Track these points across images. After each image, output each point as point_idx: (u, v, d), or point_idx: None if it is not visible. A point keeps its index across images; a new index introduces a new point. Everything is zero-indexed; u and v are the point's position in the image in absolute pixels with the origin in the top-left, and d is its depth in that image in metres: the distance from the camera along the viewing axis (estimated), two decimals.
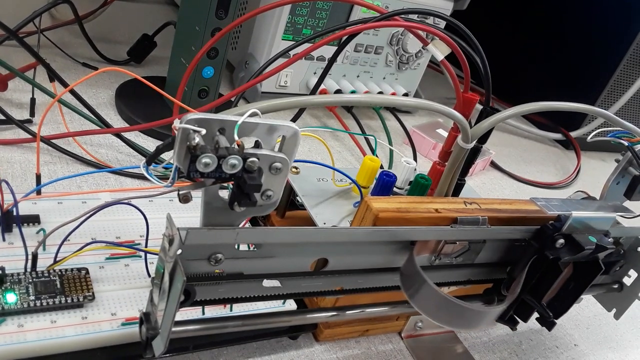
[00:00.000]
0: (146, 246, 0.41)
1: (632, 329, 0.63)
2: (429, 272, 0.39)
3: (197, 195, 0.30)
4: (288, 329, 0.44)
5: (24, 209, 0.41)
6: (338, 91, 0.82)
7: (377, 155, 0.65)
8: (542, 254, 0.42)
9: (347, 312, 0.40)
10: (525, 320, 0.44)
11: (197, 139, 0.26)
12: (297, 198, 0.50)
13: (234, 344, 0.42)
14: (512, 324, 0.45)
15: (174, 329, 0.30)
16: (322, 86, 0.81)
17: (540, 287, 0.43)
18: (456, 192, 0.51)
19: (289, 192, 0.50)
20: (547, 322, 0.46)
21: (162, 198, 0.48)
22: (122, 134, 0.59)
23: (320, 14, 0.77)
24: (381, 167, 0.50)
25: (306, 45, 0.52)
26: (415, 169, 0.51)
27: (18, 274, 0.36)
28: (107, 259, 0.41)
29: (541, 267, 0.42)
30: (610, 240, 0.44)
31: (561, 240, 0.42)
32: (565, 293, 0.45)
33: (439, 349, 0.50)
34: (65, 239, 0.38)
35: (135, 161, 0.59)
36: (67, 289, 0.36)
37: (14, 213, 0.39)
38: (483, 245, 0.41)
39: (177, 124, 0.26)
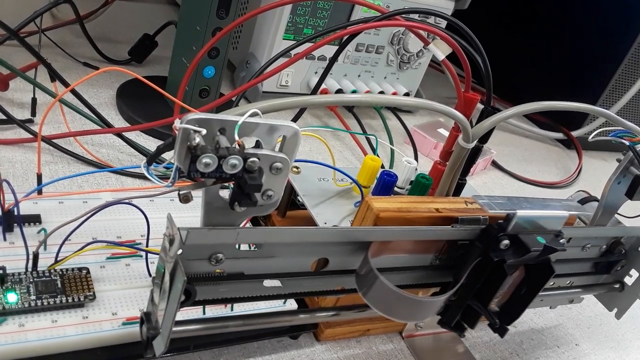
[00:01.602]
0: (147, 246, 0.41)
1: (634, 329, 0.63)
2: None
3: (198, 195, 0.30)
4: (289, 329, 0.44)
5: (25, 208, 0.41)
6: (339, 91, 0.82)
7: (378, 155, 0.65)
8: (486, 256, 0.39)
9: (348, 311, 0.40)
10: (471, 326, 0.42)
11: (198, 139, 0.26)
12: (298, 198, 0.50)
13: (235, 343, 0.42)
14: (460, 331, 0.43)
15: (174, 328, 0.30)
16: (323, 86, 0.81)
17: (486, 291, 0.40)
18: (457, 192, 0.51)
19: (290, 191, 0.50)
20: (498, 329, 0.43)
21: (163, 198, 0.48)
22: (123, 133, 0.59)
23: (321, 13, 0.76)
24: (382, 166, 0.50)
25: (307, 45, 0.52)
26: (416, 169, 0.51)
27: (19, 274, 0.36)
28: (108, 258, 0.41)
29: (486, 270, 0.39)
30: (563, 241, 0.41)
31: (506, 241, 0.39)
32: (517, 297, 0.43)
33: (440, 348, 0.50)
34: (66, 239, 0.38)
35: (136, 161, 0.59)
36: (68, 288, 0.36)
37: (15, 213, 0.39)
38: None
39: (177, 124, 0.26)
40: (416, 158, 0.80)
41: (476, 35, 0.46)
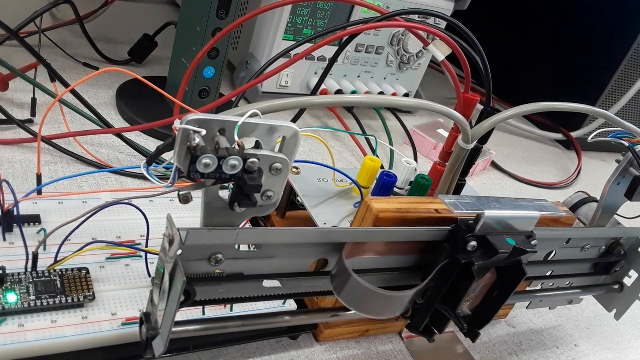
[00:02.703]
0: (147, 246, 0.41)
1: (633, 330, 0.63)
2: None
3: (198, 196, 0.30)
4: (288, 329, 0.44)
5: (25, 209, 0.41)
6: (339, 91, 0.82)
7: (377, 156, 0.65)
8: (454, 258, 0.38)
9: (348, 312, 0.40)
10: (440, 331, 0.41)
11: (198, 140, 0.26)
12: (298, 198, 0.50)
13: (235, 344, 0.42)
14: (429, 335, 0.41)
15: (174, 329, 0.30)
16: (323, 86, 0.81)
17: (455, 294, 0.39)
18: (457, 193, 0.51)
19: (290, 192, 0.50)
20: (469, 333, 0.41)
21: (163, 198, 0.48)
22: (123, 134, 0.59)
23: (321, 14, 0.77)
24: (382, 167, 0.50)
25: (307, 46, 0.52)
26: (415, 170, 0.51)
27: (19, 274, 0.36)
28: (107, 259, 0.41)
29: (454, 273, 0.38)
30: (535, 242, 0.40)
31: (473, 243, 0.37)
32: (489, 301, 0.41)
33: (439, 349, 0.50)
34: (65, 239, 0.38)
35: (136, 161, 0.59)
36: (67, 289, 0.36)
37: (15, 213, 0.39)
38: None
39: (177, 124, 0.26)
40: (416, 159, 0.80)
41: (476, 36, 0.46)
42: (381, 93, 0.86)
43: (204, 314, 0.39)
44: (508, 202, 0.41)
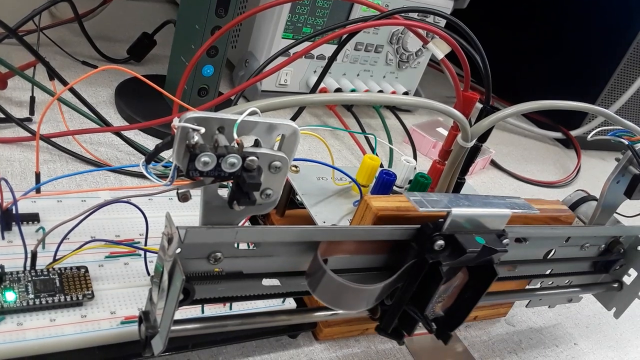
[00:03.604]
0: (146, 245, 0.41)
1: (632, 328, 0.63)
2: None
3: (197, 194, 0.30)
4: (287, 328, 0.44)
5: (24, 207, 0.41)
6: (338, 90, 0.82)
7: (377, 154, 0.65)
8: (422, 258, 0.36)
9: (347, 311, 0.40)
10: (409, 333, 0.39)
11: (196, 138, 0.26)
12: (297, 197, 0.50)
13: (234, 342, 0.42)
14: (398, 338, 0.40)
15: (173, 327, 0.30)
16: (322, 84, 0.81)
17: (423, 295, 0.38)
18: (456, 191, 0.51)
19: (289, 190, 0.50)
20: (441, 335, 0.40)
21: (162, 196, 0.48)
22: (122, 132, 0.59)
23: (320, 12, 0.76)
24: (381, 165, 0.50)
25: (306, 44, 0.52)
26: (415, 168, 0.51)
27: (17, 273, 0.36)
28: (106, 257, 0.41)
29: (421, 273, 0.36)
30: (507, 241, 0.39)
31: (440, 242, 0.36)
32: (462, 301, 0.40)
33: (439, 347, 0.50)
34: (64, 238, 0.38)
35: (134, 160, 0.59)
36: (66, 287, 0.36)
37: (14, 211, 0.39)
38: None
39: (176, 122, 0.26)
40: (415, 157, 0.80)
41: (475, 34, 0.46)
42: (380, 91, 0.86)
43: (203, 312, 0.39)
44: (478, 199, 0.39)
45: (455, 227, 0.36)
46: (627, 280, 0.54)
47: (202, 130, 0.26)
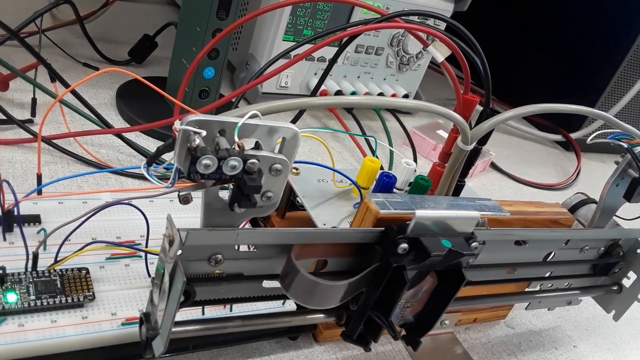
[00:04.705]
0: (146, 246, 0.41)
1: (631, 331, 0.63)
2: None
3: (198, 196, 0.30)
4: (288, 330, 0.44)
5: (25, 208, 0.41)
6: (339, 92, 0.82)
7: (377, 156, 0.65)
8: (386, 261, 0.35)
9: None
10: (374, 339, 0.38)
11: (198, 141, 0.26)
12: (298, 199, 0.51)
13: (234, 344, 0.42)
14: (364, 344, 0.39)
15: (173, 329, 0.31)
16: (323, 87, 0.81)
17: (388, 300, 0.36)
18: (456, 194, 0.51)
19: (289, 193, 0.51)
20: (409, 341, 0.39)
21: (163, 198, 0.49)
22: (123, 134, 0.59)
23: (321, 15, 0.77)
24: (381, 168, 0.50)
25: (307, 46, 0.52)
26: (415, 170, 0.51)
27: (19, 274, 0.36)
28: (107, 259, 0.41)
29: (385, 277, 0.35)
30: (475, 244, 0.37)
31: (404, 245, 0.34)
32: (432, 307, 0.39)
33: (438, 350, 0.50)
34: (65, 239, 0.38)
35: (136, 161, 0.59)
36: (67, 288, 0.37)
37: (15, 213, 0.39)
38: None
39: (177, 125, 0.26)
40: (415, 159, 0.80)
41: (475, 37, 0.46)
42: (381, 94, 0.87)
43: (203, 314, 0.39)
44: (445, 201, 0.38)
45: (421, 229, 0.35)
46: (627, 283, 0.54)
47: (204, 133, 0.26)
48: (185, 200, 0.29)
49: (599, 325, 0.62)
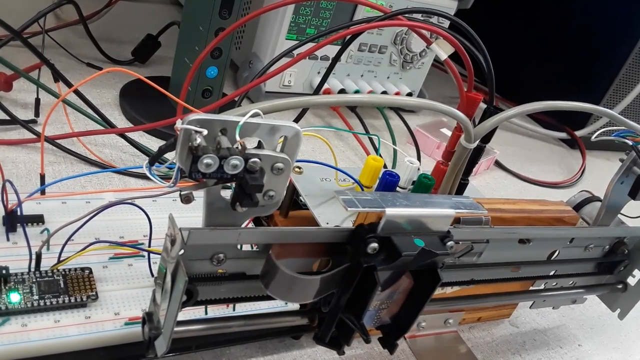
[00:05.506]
0: (149, 246, 0.41)
1: (637, 329, 0.63)
2: None
3: (200, 195, 0.30)
4: (291, 329, 0.44)
5: (28, 208, 0.41)
6: (342, 90, 0.82)
7: (380, 155, 0.65)
8: (356, 262, 0.33)
9: None
10: (347, 343, 0.37)
11: (199, 140, 0.26)
12: (300, 198, 0.50)
13: (237, 343, 0.42)
14: (336, 348, 0.37)
15: (176, 328, 0.31)
16: (326, 85, 0.81)
17: (359, 302, 0.35)
18: (459, 192, 0.51)
19: (292, 192, 0.50)
20: (387, 344, 0.38)
21: (165, 198, 0.48)
22: (126, 134, 0.59)
23: (324, 13, 0.76)
24: (384, 166, 0.50)
25: (310, 45, 0.52)
26: (418, 169, 0.51)
27: (22, 274, 0.36)
28: (110, 258, 0.41)
29: (356, 278, 0.34)
30: (451, 244, 0.36)
31: (374, 245, 0.33)
32: (408, 308, 0.38)
33: (442, 349, 0.50)
34: (69, 239, 0.38)
35: (139, 161, 0.59)
36: (70, 288, 0.37)
37: (18, 213, 0.39)
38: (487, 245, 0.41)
39: (179, 124, 0.26)
40: (419, 158, 0.80)
41: (479, 35, 0.46)
42: (384, 92, 0.86)
43: (206, 313, 0.39)
44: (418, 198, 0.37)
45: (392, 228, 0.33)
46: (632, 281, 0.54)
47: (205, 132, 0.26)
48: (186, 199, 0.29)
49: (604, 324, 0.62)
